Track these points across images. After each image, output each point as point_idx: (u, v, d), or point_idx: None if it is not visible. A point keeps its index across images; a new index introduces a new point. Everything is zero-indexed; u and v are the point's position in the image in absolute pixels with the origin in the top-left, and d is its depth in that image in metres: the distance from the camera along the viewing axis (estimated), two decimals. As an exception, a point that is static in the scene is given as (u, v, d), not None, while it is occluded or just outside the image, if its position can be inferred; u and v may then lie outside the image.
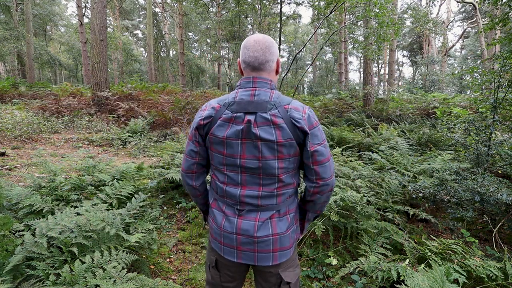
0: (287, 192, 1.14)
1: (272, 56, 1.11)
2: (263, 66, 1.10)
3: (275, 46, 1.13)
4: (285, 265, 1.19)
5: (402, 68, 43.59)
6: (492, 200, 2.46)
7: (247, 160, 1.07)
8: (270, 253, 1.12)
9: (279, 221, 1.13)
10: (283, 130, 1.03)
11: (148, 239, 2.34)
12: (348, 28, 12.59)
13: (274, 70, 1.16)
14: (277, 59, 1.15)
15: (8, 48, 19.88)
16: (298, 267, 1.26)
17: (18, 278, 1.71)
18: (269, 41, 1.11)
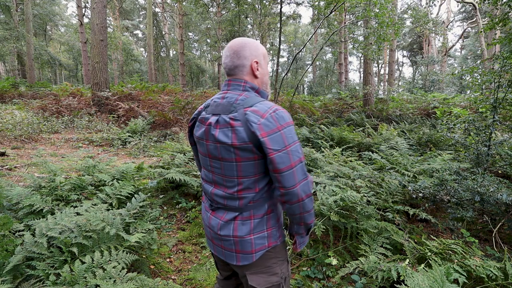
0: (249, 197, 1.10)
1: (241, 60, 1.11)
2: (233, 72, 1.13)
3: (247, 50, 1.12)
4: (254, 268, 1.16)
5: (402, 68, 43.60)
6: (492, 200, 2.46)
7: (213, 160, 1.12)
8: (233, 253, 1.14)
9: (242, 224, 1.11)
10: (238, 133, 1.02)
11: (148, 239, 2.33)
12: (348, 28, 12.59)
13: (247, 75, 1.14)
14: (251, 63, 1.12)
15: (8, 48, 19.90)
16: (275, 276, 1.18)
17: (18, 278, 1.70)
18: (240, 45, 1.12)
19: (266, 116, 1.01)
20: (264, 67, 1.18)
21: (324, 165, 4.13)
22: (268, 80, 1.23)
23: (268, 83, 1.22)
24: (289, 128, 1.04)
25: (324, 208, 2.56)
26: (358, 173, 3.48)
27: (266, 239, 1.14)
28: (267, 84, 1.21)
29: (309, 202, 1.08)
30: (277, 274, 1.18)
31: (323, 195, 2.75)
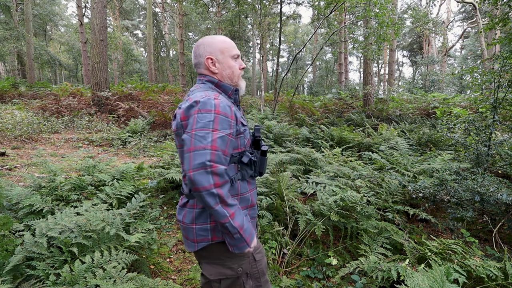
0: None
1: (196, 59, 1.23)
2: (197, 69, 1.25)
3: (201, 48, 1.21)
4: (207, 258, 1.18)
5: (402, 68, 43.60)
6: (492, 200, 2.46)
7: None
8: (184, 238, 1.20)
9: (189, 212, 1.15)
10: (176, 120, 1.11)
11: (148, 239, 2.33)
12: (348, 28, 12.59)
13: (206, 71, 1.22)
14: (205, 60, 1.20)
15: (8, 48, 19.90)
16: (230, 270, 1.15)
17: (18, 278, 1.70)
18: (197, 44, 1.23)
19: (191, 102, 1.06)
20: (224, 61, 1.21)
21: (324, 165, 4.13)
22: (235, 73, 1.24)
23: (233, 76, 1.24)
24: (206, 115, 1.01)
25: (324, 208, 2.56)
26: (358, 173, 3.48)
27: (209, 232, 1.13)
28: (232, 78, 1.24)
29: (208, 197, 0.97)
30: (232, 268, 1.16)
31: (323, 195, 2.75)
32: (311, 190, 3.02)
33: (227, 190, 1.03)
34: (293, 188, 3.19)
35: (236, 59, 1.25)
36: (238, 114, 1.17)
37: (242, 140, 1.19)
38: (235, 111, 1.15)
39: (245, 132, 1.20)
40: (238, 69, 1.25)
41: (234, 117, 1.10)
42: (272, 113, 9.84)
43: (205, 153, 0.97)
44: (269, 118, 8.80)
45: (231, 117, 1.08)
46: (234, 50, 1.24)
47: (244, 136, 1.19)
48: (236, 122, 1.13)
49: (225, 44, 1.22)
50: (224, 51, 1.21)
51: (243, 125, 1.20)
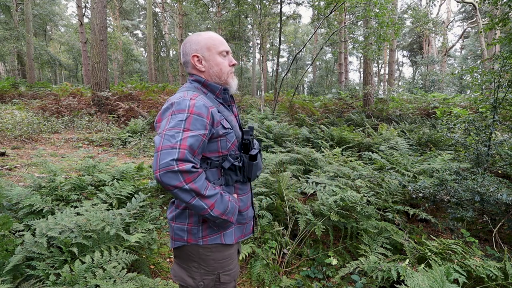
0: None
1: (184, 57, 1.19)
2: (185, 68, 1.22)
3: (187, 46, 1.17)
4: (177, 256, 1.19)
5: (402, 68, 43.60)
6: (492, 200, 2.46)
7: None
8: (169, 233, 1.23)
9: (173, 209, 1.18)
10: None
11: (148, 239, 2.33)
12: (348, 28, 12.59)
13: (192, 69, 1.18)
14: (191, 57, 1.16)
15: (8, 48, 19.90)
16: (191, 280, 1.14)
17: (18, 278, 1.70)
18: (183, 43, 1.19)
19: (169, 103, 1.04)
20: (210, 58, 1.15)
21: (324, 165, 4.13)
22: (223, 70, 1.18)
23: (222, 74, 1.18)
24: (178, 115, 0.99)
25: (324, 208, 2.56)
26: (358, 173, 3.48)
27: (185, 233, 1.13)
28: (220, 76, 1.18)
29: (182, 193, 0.95)
30: (194, 279, 1.14)
31: (323, 195, 2.75)
32: (311, 190, 3.02)
33: (203, 180, 1.00)
34: (293, 188, 3.19)
35: (225, 55, 1.19)
36: (218, 115, 1.09)
37: (224, 143, 1.12)
38: (215, 113, 1.07)
39: (227, 135, 1.12)
40: (227, 66, 1.19)
41: (210, 118, 1.04)
42: (272, 113, 9.84)
43: (172, 152, 0.93)
44: (269, 118, 8.80)
45: (206, 117, 1.02)
46: (222, 46, 1.17)
47: (226, 139, 1.12)
48: (213, 124, 1.06)
49: (212, 40, 1.16)
50: (211, 47, 1.15)
51: (224, 127, 1.11)
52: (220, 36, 1.20)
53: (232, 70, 1.21)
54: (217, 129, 1.08)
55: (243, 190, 1.23)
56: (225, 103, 1.20)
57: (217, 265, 1.16)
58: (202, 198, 0.99)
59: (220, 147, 1.11)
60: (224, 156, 1.13)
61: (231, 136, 1.14)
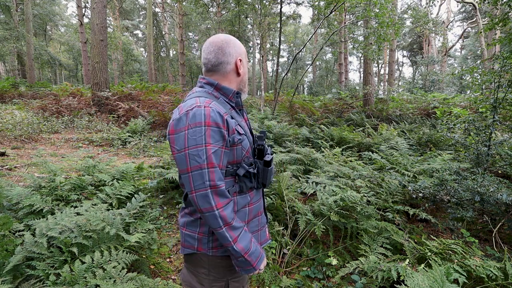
0: (185, 192, 1.13)
1: (225, 57, 1.10)
2: (216, 68, 1.11)
3: (231, 46, 1.10)
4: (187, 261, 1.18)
5: (402, 68, 43.61)
6: (492, 200, 2.46)
7: None
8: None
9: (184, 216, 1.18)
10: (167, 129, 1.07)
11: (148, 239, 2.34)
12: (348, 28, 12.59)
13: (231, 72, 1.12)
14: (235, 60, 1.11)
15: (8, 48, 19.89)
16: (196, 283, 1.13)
17: (18, 278, 1.70)
18: (224, 41, 1.10)
19: (181, 113, 0.98)
20: (245, 66, 1.17)
21: (324, 165, 4.13)
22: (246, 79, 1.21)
23: (246, 82, 1.21)
24: (196, 129, 0.95)
25: (324, 208, 2.56)
26: (358, 173, 3.48)
27: (196, 242, 1.11)
28: (246, 84, 1.21)
29: (211, 218, 0.95)
30: (203, 285, 1.13)
31: (323, 195, 2.75)
32: (311, 190, 3.02)
33: (231, 210, 1.00)
34: (293, 188, 3.19)
35: None
36: (232, 122, 1.04)
37: (239, 151, 1.07)
38: (229, 119, 1.03)
39: (242, 142, 1.08)
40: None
41: (226, 127, 1.00)
42: (272, 113, 9.84)
43: (203, 173, 0.94)
44: (269, 118, 8.80)
45: (223, 127, 0.99)
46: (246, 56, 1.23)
47: (241, 146, 1.07)
48: (228, 132, 1.02)
49: (244, 48, 1.18)
50: (246, 55, 1.18)
51: (239, 133, 1.07)
52: None
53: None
54: (232, 136, 1.03)
55: (257, 196, 1.21)
56: (237, 107, 1.16)
57: (227, 272, 1.13)
58: (229, 228, 0.98)
59: (236, 155, 1.07)
60: (239, 164, 1.09)
61: (245, 143, 1.10)
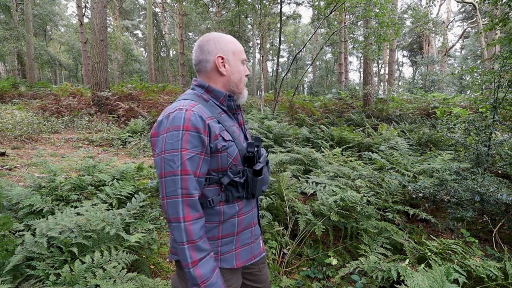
0: None
1: (203, 55, 1.05)
2: (197, 67, 1.08)
3: (211, 44, 1.04)
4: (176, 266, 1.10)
5: (402, 68, 43.61)
6: (492, 200, 2.46)
7: None
8: None
9: None
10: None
11: (148, 239, 2.33)
12: (348, 28, 12.59)
13: (212, 71, 1.06)
14: (215, 58, 1.04)
15: (8, 48, 19.90)
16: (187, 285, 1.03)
17: (18, 278, 1.70)
18: (206, 39, 1.06)
19: (164, 116, 0.96)
20: (234, 64, 1.08)
21: (324, 165, 4.13)
22: (242, 80, 1.11)
23: (240, 83, 1.10)
24: (174, 133, 0.91)
25: (324, 208, 2.56)
26: (358, 173, 3.48)
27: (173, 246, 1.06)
28: (239, 84, 1.10)
29: (176, 230, 0.89)
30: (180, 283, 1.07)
31: (323, 195, 2.75)
32: (311, 190, 3.02)
33: (200, 227, 0.92)
34: (293, 188, 3.19)
35: (244, 64, 1.13)
36: (217, 127, 0.98)
37: (225, 158, 1.00)
38: (213, 124, 0.97)
39: (228, 149, 1.00)
40: (244, 76, 1.12)
41: (207, 132, 0.94)
42: (272, 113, 9.84)
43: (176, 180, 0.90)
44: (269, 118, 8.80)
45: (203, 132, 0.93)
46: (244, 54, 1.12)
47: (227, 153, 1.00)
48: (210, 138, 0.96)
49: (236, 45, 1.09)
50: (236, 53, 1.08)
51: (225, 140, 1.00)
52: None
53: (246, 81, 1.15)
54: (215, 142, 0.97)
55: (248, 207, 1.11)
56: (229, 111, 1.10)
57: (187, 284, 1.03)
58: (192, 248, 0.90)
59: (221, 163, 1.00)
60: (224, 171, 1.02)
61: (232, 149, 1.02)
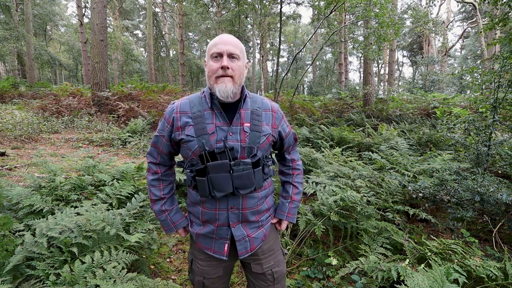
0: None
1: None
2: None
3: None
4: None
5: (402, 68, 43.60)
6: (492, 200, 2.46)
7: None
8: None
9: None
10: None
11: (148, 239, 2.33)
12: (348, 28, 12.59)
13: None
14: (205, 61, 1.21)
15: (8, 48, 19.89)
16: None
17: (18, 278, 1.70)
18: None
19: None
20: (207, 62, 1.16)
21: (324, 165, 4.13)
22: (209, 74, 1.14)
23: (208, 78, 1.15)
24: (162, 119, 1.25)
25: (324, 208, 2.56)
26: (358, 173, 3.47)
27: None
28: (208, 80, 1.16)
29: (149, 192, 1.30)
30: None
31: (323, 195, 2.75)
32: (311, 190, 3.02)
33: (153, 178, 1.28)
34: (293, 188, 3.18)
35: (218, 58, 1.11)
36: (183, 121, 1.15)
37: (185, 150, 1.17)
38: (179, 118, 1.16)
39: (188, 143, 1.13)
40: (214, 70, 1.11)
41: (171, 122, 1.19)
42: (272, 113, 9.79)
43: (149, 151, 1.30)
44: (269, 118, 8.76)
45: (167, 121, 1.20)
46: (214, 48, 1.10)
47: (187, 146, 1.14)
48: (172, 128, 1.18)
49: (212, 43, 1.14)
50: (207, 51, 1.15)
51: (186, 134, 1.13)
52: (223, 37, 1.12)
53: (218, 73, 1.10)
54: (176, 133, 1.17)
55: (210, 204, 1.19)
56: (216, 109, 1.16)
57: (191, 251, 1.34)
58: (149, 188, 1.30)
59: (184, 153, 1.20)
60: (188, 162, 1.20)
61: (192, 144, 1.12)
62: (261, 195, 1.24)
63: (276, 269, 1.29)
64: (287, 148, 1.40)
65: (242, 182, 1.12)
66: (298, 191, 1.40)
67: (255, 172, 1.15)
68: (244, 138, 1.14)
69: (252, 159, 1.15)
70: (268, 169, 1.27)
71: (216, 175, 1.10)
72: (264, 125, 1.21)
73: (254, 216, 1.23)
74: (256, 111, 1.21)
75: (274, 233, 1.35)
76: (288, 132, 1.36)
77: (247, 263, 1.30)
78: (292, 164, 1.41)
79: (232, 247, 1.23)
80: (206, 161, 1.11)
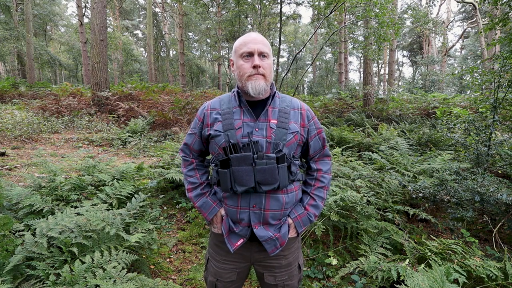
0: None
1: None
2: None
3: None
4: None
5: (402, 68, 43.59)
6: (492, 200, 2.46)
7: None
8: None
9: None
10: None
11: (148, 239, 2.33)
12: (348, 28, 12.58)
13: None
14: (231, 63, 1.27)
15: (8, 48, 19.91)
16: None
17: (18, 278, 1.70)
18: None
19: None
20: (235, 62, 1.19)
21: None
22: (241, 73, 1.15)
23: (240, 77, 1.16)
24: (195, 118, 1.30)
25: (324, 208, 2.56)
26: (358, 173, 3.47)
27: None
28: (240, 79, 1.16)
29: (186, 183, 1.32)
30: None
31: (323, 195, 2.74)
32: (311, 190, 3.01)
33: (188, 169, 1.31)
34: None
35: (248, 57, 1.14)
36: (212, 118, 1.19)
37: (213, 146, 1.19)
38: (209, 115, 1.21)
39: (215, 138, 1.15)
40: (246, 69, 1.13)
41: (201, 119, 1.24)
42: (272, 113, 9.79)
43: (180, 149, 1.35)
44: (269, 118, 8.76)
45: (199, 119, 1.26)
46: (244, 47, 1.13)
47: (214, 141, 1.17)
48: (203, 125, 1.23)
49: (238, 42, 1.16)
50: (236, 50, 1.17)
51: (215, 130, 1.16)
52: (251, 35, 1.14)
53: (251, 72, 1.13)
54: (206, 129, 1.22)
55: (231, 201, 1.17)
56: (243, 107, 1.18)
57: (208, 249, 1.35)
58: (185, 180, 1.31)
59: (212, 148, 1.22)
60: (214, 157, 1.22)
61: (219, 139, 1.15)
62: (286, 200, 1.17)
63: (288, 283, 1.27)
64: (313, 155, 1.29)
65: (264, 177, 1.08)
66: (314, 203, 1.26)
67: (279, 168, 1.10)
68: (270, 134, 1.14)
69: (277, 154, 1.11)
70: (296, 168, 1.20)
71: (238, 168, 1.08)
72: (292, 123, 1.18)
73: (275, 221, 1.18)
74: (284, 109, 1.20)
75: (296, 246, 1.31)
76: (314, 134, 1.26)
77: (261, 273, 1.27)
78: (317, 174, 1.29)
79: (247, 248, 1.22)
80: (230, 153, 1.10)
